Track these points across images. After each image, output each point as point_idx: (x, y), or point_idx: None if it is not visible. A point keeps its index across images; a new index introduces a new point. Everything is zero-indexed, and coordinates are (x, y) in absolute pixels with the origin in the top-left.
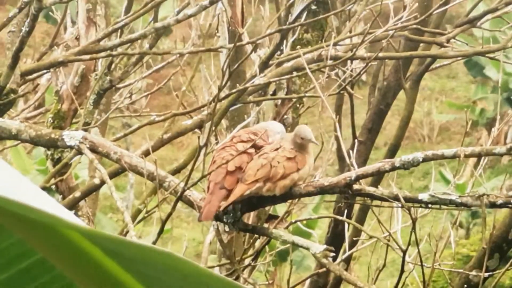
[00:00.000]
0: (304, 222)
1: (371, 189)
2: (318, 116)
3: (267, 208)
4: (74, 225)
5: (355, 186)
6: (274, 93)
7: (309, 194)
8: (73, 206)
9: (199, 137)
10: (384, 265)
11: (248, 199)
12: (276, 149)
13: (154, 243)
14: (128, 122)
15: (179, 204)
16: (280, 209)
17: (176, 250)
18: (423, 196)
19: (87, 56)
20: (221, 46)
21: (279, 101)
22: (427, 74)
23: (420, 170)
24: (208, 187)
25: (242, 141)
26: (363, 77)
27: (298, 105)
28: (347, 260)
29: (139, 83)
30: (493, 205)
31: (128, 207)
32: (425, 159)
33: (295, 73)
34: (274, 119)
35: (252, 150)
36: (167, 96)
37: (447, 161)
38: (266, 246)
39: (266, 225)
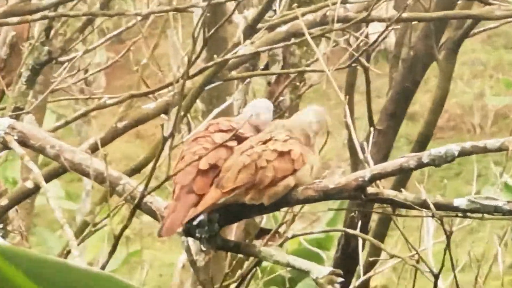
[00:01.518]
0: (306, 237)
1: (391, 193)
2: (322, 96)
3: (257, 220)
4: None
5: (370, 189)
6: (266, 67)
7: (309, 200)
8: None
9: (162, 126)
10: None
11: (226, 207)
12: (265, 142)
13: (103, 267)
14: (83, 108)
15: (148, 217)
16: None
17: (148, 278)
18: (460, 202)
19: (16, 19)
20: (192, 4)
21: (273, 78)
22: (478, 44)
23: (471, 170)
24: (174, 192)
25: (221, 131)
26: (382, 46)
27: (297, 83)
28: None
29: (97, 56)
30: None
31: (62, 217)
32: (462, 153)
33: (292, 41)
34: None
35: (233, 144)
36: (135, 75)
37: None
38: (258, 270)
39: (257, 243)
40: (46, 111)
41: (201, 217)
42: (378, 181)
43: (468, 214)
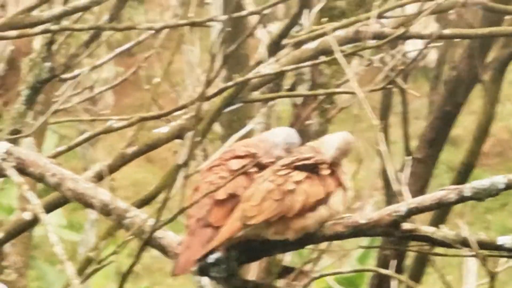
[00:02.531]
0: (334, 277)
1: (428, 230)
2: (354, 119)
3: (280, 257)
4: None
5: (405, 225)
6: (293, 89)
7: (338, 236)
8: None
9: (176, 152)
10: None
11: (246, 242)
12: (290, 164)
13: None
14: (87, 130)
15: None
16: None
17: None
18: (504, 241)
19: (15, 32)
20: (211, 18)
21: (300, 100)
22: None
23: None
24: (188, 226)
25: (237, 157)
26: (422, 63)
27: (326, 106)
28: None
29: (105, 71)
30: None
31: (63, 253)
32: (509, 186)
33: (321, 59)
34: (292, 125)
35: (254, 170)
36: (146, 92)
37: None
38: None
39: (280, 283)
40: (47, 130)
41: (218, 255)
42: (414, 216)
43: None
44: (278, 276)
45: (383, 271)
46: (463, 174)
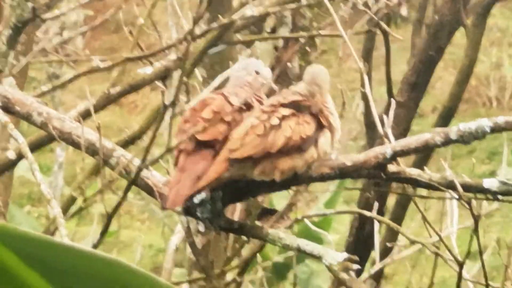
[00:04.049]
0: (315, 220)
1: (414, 172)
2: (337, 64)
3: (260, 199)
4: None
5: (391, 168)
6: (274, 30)
7: (324, 177)
8: None
9: (163, 92)
10: (431, 285)
11: (232, 183)
12: (274, 105)
13: (94, 247)
14: (56, 71)
15: (130, 193)
16: (278, 200)
17: (126, 260)
18: (491, 184)
19: None
20: None
21: (281, 43)
22: (496, 8)
23: (484, 148)
24: (177, 160)
25: (223, 94)
26: (403, 13)
27: (308, 49)
28: (377, 276)
29: (74, 15)
30: None
31: (56, 196)
32: (494, 129)
33: (304, 1)
34: (273, 68)
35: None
36: (114, 35)
37: None
38: (258, 255)
39: (259, 223)
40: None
41: (203, 195)
42: (398, 159)
43: (499, 197)
44: (258, 217)
45: (366, 213)
46: (445, 118)
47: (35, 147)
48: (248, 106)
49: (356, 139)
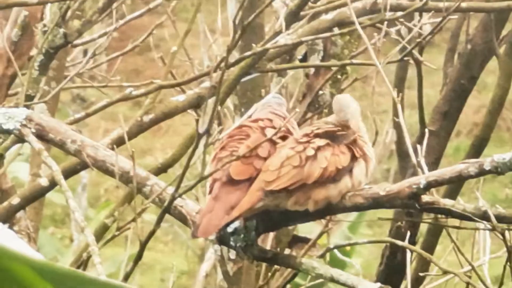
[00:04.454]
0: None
1: (448, 203)
2: (367, 91)
3: (290, 227)
4: (20, 256)
5: (425, 198)
6: (305, 59)
7: (357, 207)
8: (8, 218)
9: (197, 120)
10: None
11: (265, 212)
12: (311, 134)
13: (127, 276)
14: (80, 94)
15: (152, 214)
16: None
17: (147, 283)
18: None
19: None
20: None
21: (312, 70)
22: None
23: (509, 173)
24: (212, 188)
25: (258, 121)
26: (436, 38)
27: (339, 76)
28: None
29: (101, 38)
30: None
31: (83, 219)
32: None
33: (337, 30)
34: (304, 96)
35: (276, 138)
36: (139, 57)
37: None
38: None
39: (289, 252)
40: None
41: (237, 224)
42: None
43: None
44: (288, 245)
45: (398, 242)
46: (478, 148)
47: (68, 174)
48: (283, 138)
49: (380, 162)
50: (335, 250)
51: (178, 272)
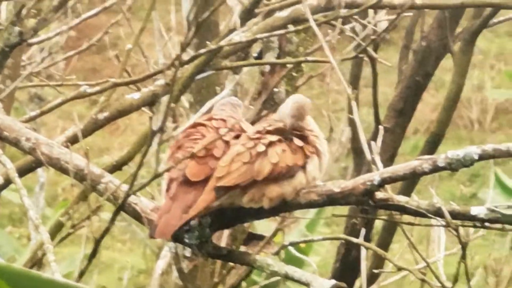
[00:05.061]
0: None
1: (402, 199)
2: (324, 89)
3: (245, 224)
4: None
5: (379, 195)
6: (260, 56)
7: (312, 204)
8: None
9: (151, 118)
10: None
11: (221, 210)
12: (259, 131)
13: (81, 274)
14: (38, 92)
15: (110, 214)
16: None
17: (105, 282)
18: (479, 211)
19: None
20: None
21: (267, 68)
22: None
23: (465, 171)
24: (169, 187)
25: (213, 119)
26: (393, 36)
27: (294, 74)
28: None
29: (56, 37)
30: None
31: (37, 217)
32: (483, 157)
33: (292, 27)
34: (259, 93)
35: (230, 137)
36: (97, 56)
37: (506, 159)
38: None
39: (244, 249)
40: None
41: (192, 221)
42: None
43: (487, 224)
44: (244, 243)
45: (353, 239)
46: (432, 144)
47: (23, 172)
48: (237, 137)
49: (338, 160)
50: (291, 248)
51: (136, 270)
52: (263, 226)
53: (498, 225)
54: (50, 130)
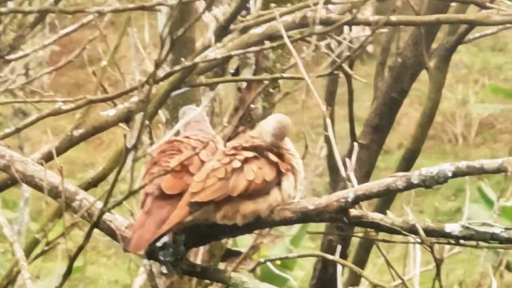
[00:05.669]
0: (277, 262)
1: (376, 217)
2: (301, 106)
3: (223, 240)
4: None
5: (353, 212)
6: (237, 72)
7: (286, 221)
8: None
9: (125, 135)
10: None
11: (194, 227)
12: (235, 147)
13: None
14: (22, 107)
15: (96, 230)
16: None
17: None
18: (453, 228)
19: None
20: (160, 2)
21: (244, 84)
22: (462, 45)
23: (450, 185)
24: (144, 202)
25: (189, 138)
26: (368, 49)
27: (271, 90)
28: None
29: (39, 52)
30: None
31: (21, 232)
32: (456, 174)
33: (267, 44)
34: (236, 109)
35: (205, 154)
36: (80, 71)
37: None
38: None
39: (222, 266)
40: None
41: (166, 238)
42: (361, 202)
43: (461, 241)
44: (222, 259)
45: (329, 256)
46: (408, 160)
47: None
48: (213, 152)
49: (322, 175)
50: (270, 265)
51: (121, 285)
52: (246, 241)
53: (473, 242)
54: (34, 145)
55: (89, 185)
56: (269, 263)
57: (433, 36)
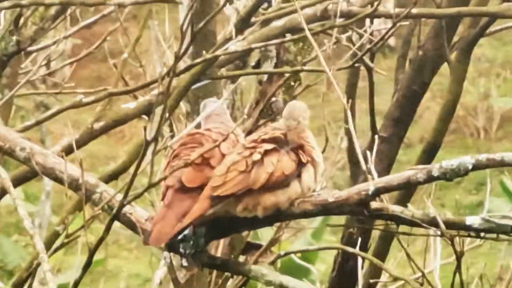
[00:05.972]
0: (299, 254)
1: (397, 209)
2: (322, 99)
3: (244, 233)
4: None
5: (374, 204)
6: (258, 65)
7: (306, 214)
8: None
9: (145, 128)
10: None
11: (215, 220)
12: (254, 140)
13: (77, 282)
14: (44, 101)
15: (117, 223)
16: (265, 232)
17: None
18: (473, 221)
19: None
20: None
21: (265, 77)
22: (484, 38)
23: (472, 179)
24: (164, 195)
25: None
26: (390, 42)
27: (292, 83)
28: None
29: (61, 44)
30: None
31: (43, 226)
32: (477, 167)
33: (288, 36)
34: (257, 102)
35: (226, 147)
36: (102, 64)
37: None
38: None
39: (243, 259)
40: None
41: (186, 231)
42: (382, 195)
43: (482, 234)
44: (242, 252)
45: (349, 249)
46: (429, 153)
47: (19, 182)
48: (234, 145)
49: (344, 169)
50: (294, 257)
51: (142, 279)
52: (267, 235)
53: (493, 235)
54: (56, 138)
55: (110, 178)
56: (292, 255)
57: (454, 29)
